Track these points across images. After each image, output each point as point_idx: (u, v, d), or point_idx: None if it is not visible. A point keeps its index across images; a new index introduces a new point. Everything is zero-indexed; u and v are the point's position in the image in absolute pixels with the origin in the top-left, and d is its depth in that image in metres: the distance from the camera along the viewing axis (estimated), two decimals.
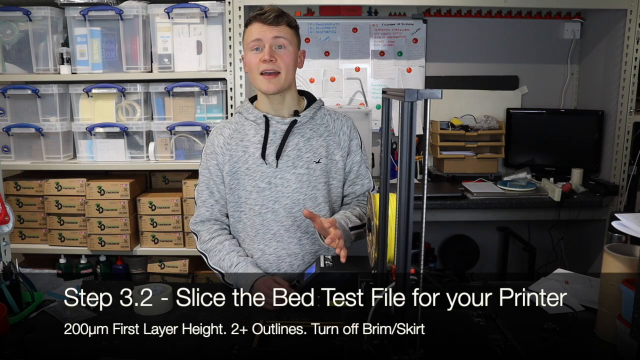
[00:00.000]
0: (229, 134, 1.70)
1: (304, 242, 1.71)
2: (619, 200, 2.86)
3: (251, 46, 1.61)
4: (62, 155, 2.72)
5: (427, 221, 0.86)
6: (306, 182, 1.67)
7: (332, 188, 1.73)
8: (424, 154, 1.92)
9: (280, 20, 1.59)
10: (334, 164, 1.71)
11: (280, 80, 1.61)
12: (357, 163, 1.75)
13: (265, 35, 1.59)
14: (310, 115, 1.69)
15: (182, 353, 1.27)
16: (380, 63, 3.23)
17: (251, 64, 1.62)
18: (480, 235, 3.42)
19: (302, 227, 1.69)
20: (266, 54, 1.58)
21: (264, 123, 1.67)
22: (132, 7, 2.60)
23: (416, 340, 0.92)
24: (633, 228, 1.12)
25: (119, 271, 2.85)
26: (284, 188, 1.67)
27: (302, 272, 1.73)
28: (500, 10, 3.18)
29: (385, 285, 1.10)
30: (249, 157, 1.67)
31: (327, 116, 1.74)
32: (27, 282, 1.54)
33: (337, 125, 1.73)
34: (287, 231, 1.69)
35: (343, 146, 1.72)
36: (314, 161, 1.68)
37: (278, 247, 1.70)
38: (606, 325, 1.27)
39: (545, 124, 3.17)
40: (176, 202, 2.68)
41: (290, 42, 1.62)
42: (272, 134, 1.66)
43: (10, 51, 2.69)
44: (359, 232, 1.68)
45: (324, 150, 1.69)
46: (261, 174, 1.66)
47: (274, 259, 1.71)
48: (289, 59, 1.62)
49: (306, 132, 1.69)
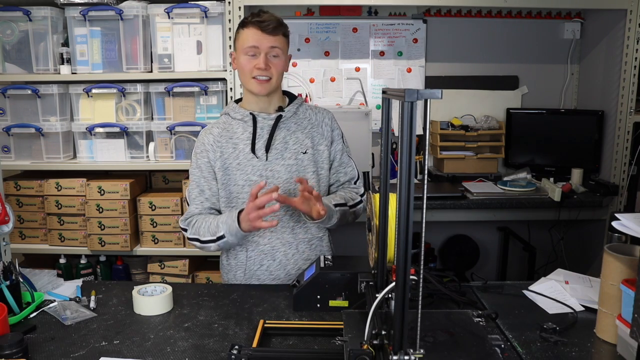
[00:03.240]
0: (218, 132, 1.77)
1: (297, 231, 1.76)
2: (619, 200, 2.86)
3: (246, 51, 1.67)
4: (62, 155, 2.72)
5: (427, 221, 0.86)
6: (295, 173, 1.73)
7: (321, 178, 1.80)
8: (424, 154, 1.92)
9: (278, 30, 1.67)
10: (320, 154, 1.79)
11: (271, 85, 1.70)
12: (339, 151, 1.83)
13: (263, 44, 1.66)
14: (293, 110, 1.78)
15: (182, 353, 1.27)
16: (380, 63, 3.23)
17: (244, 67, 1.69)
18: (480, 235, 3.42)
19: (295, 217, 1.75)
20: (262, 62, 1.66)
21: (251, 120, 1.74)
22: (132, 7, 2.61)
23: (416, 340, 0.92)
24: (633, 228, 1.12)
25: (119, 271, 2.85)
26: (275, 179, 1.72)
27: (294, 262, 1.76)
28: (500, 10, 3.18)
29: (385, 285, 1.10)
30: (239, 152, 1.73)
31: (308, 110, 1.83)
32: (27, 282, 1.54)
33: (319, 118, 1.82)
34: (280, 221, 1.72)
35: (326, 136, 1.81)
36: (301, 152, 1.75)
37: (272, 237, 1.75)
38: (606, 325, 1.28)
39: (545, 124, 3.17)
40: (176, 202, 2.68)
41: (283, 52, 1.71)
42: (260, 130, 1.74)
43: (10, 51, 2.70)
44: (344, 210, 1.74)
45: (309, 142, 1.77)
46: (252, 167, 1.72)
47: (269, 249, 1.75)
48: (281, 66, 1.71)
49: (291, 126, 1.76)
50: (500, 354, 1.13)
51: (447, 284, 1.54)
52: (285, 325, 1.38)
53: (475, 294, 1.56)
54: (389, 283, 1.07)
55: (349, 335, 1.16)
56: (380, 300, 1.07)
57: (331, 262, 1.54)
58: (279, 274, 1.77)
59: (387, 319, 1.06)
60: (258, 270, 1.77)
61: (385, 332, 1.03)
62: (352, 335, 1.15)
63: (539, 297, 1.51)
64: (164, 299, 1.50)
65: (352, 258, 1.57)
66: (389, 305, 1.05)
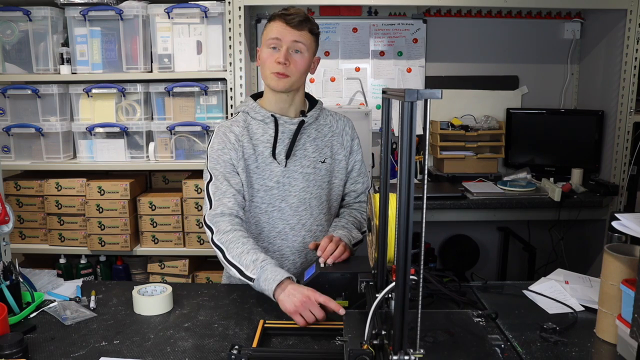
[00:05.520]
0: (239, 131, 1.67)
1: (307, 241, 1.72)
2: (619, 200, 2.86)
3: (269, 43, 1.60)
4: (62, 155, 2.72)
5: (427, 221, 0.86)
6: (312, 182, 1.69)
7: (334, 187, 1.76)
8: (424, 154, 1.92)
9: (303, 25, 1.60)
10: (337, 164, 1.75)
11: (289, 82, 1.61)
12: (358, 162, 1.80)
13: (285, 37, 1.59)
14: (315, 116, 1.72)
15: (182, 353, 1.27)
16: (380, 63, 3.23)
17: (265, 60, 1.61)
18: (480, 235, 3.42)
19: (307, 226, 1.72)
20: (282, 56, 1.58)
21: (272, 122, 1.66)
22: (132, 7, 2.61)
23: (416, 340, 0.92)
24: (633, 228, 1.12)
25: (119, 271, 2.85)
26: (291, 187, 1.68)
27: (302, 271, 1.74)
28: (500, 10, 3.18)
29: (385, 285, 1.10)
30: (258, 155, 1.66)
31: (329, 117, 1.77)
32: (27, 282, 1.54)
33: (340, 126, 1.77)
34: (292, 229, 1.70)
35: (346, 146, 1.76)
36: (319, 161, 1.70)
37: (282, 245, 1.71)
38: (606, 325, 1.28)
39: (545, 124, 3.17)
40: (176, 202, 2.68)
41: (308, 49, 1.63)
42: (281, 134, 1.67)
43: (10, 51, 2.70)
44: (358, 245, 1.71)
45: (328, 150, 1.72)
46: (270, 172, 1.66)
47: (278, 256, 1.71)
48: (303, 64, 1.62)
49: (312, 133, 1.71)
50: (500, 354, 1.13)
51: (447, 284, 1.54)
52: (285, 325, 1.38)
53: (475, 294, 1.56)
54: (389, 283, 1.07)
55: (349, 335, 1.16)
56: (380, 300, 1.06)
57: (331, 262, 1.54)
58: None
59: (387, 319, 1.06)
60: None
61: (385, 332, 1.03)
62: (352, 335, 1.15)
63: (539, 297, 1.51)
64: (164, 299, 1.50)
65: (352, 258, 1.56)
66: (389, 305, 1.05)
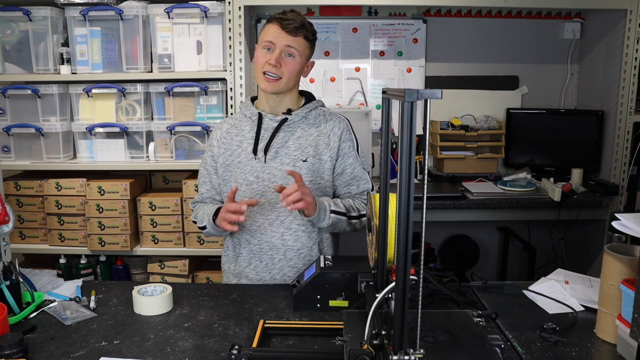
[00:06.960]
0: (227, 128, 1.80)
1: (286, 238, 1.74)
2: (619, 200, 2.86)
3: (263, 45, 1.66)
4: (62, 155, 2.72)
5: (427, 221, 0.86)
6: (292, 178, 1.68)
7: (322, 187, 1.75)
8: (424, 154, 1.92)
9: (298, 31, 1.63)
10: (322, 164, 1.74)
11: (280, 85, 1.66)
12: (350, 165, 1.77)
13: (279, 41, 1.63)
14: (302, 114, 1.73)
15: (182, 353, 1.27)
16: (380, 63, 3.23)
17: (258, 60, 1.67)
18: (480, 235, 3.42)
19: (285, 223, 1.74)
20: (273, 59, 1.63)
21: (257, 119, 1.73)
22: (132, 7, 2.60)
23: (416, 340, 0.92)
24: (633, 228, 1.12)
25: (119, 271, 2.85)
26: (270, 183, 1.72)
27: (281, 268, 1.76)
28: (500, 10, 3.18)
29: (385, 285, 1.10)
30: (242, 151, 1.74)
31: (320, 117, 1.77)
32: (27, 282, 1.54)
33: (329, 127, 1.75)
34: (270, 225, 1.74)
35: (332, 147, 1.74)
36: (300, 159, 1.71)
37: (261, 240, 1.76)
38: (606, 325, 1.28)
39: (545, 124, 3.17)
40: (176, 202, 2.68)
41: (301, 54, 1.66)
42: (264, 131, 1.73)
43: (10, 51, 2.69)
44: (338, 218, 1.67)
45: (312, 150, 1.72)
46: (251, 167, 1.73)
47: (257, 249, 1.77)
48: (294, 68, 1.66)
49: (296, 131, 1.73)
50: (500, 354, 1.13)
51: (447, 284, 1.54)
52: (285, 325, 1.38)
53: (475, 294, 1.56)
54: (389, 283, 1.07)
55: (349, 335, 1.16)
56: (380, 300, 1.06)
57: (331, 262, 1.54)
58: (264, 276, 1.77)
59: (387, 319, 1.06)
60: (247, 268, 1.78)
61: (385, 332, 1.03)
62: (352, 335, 1.15)
63: (539, 297, 1.51)
64: (164, 299, 1.50)
65: (352, 258, 1.57)
66: (389, 305, 1.05)
